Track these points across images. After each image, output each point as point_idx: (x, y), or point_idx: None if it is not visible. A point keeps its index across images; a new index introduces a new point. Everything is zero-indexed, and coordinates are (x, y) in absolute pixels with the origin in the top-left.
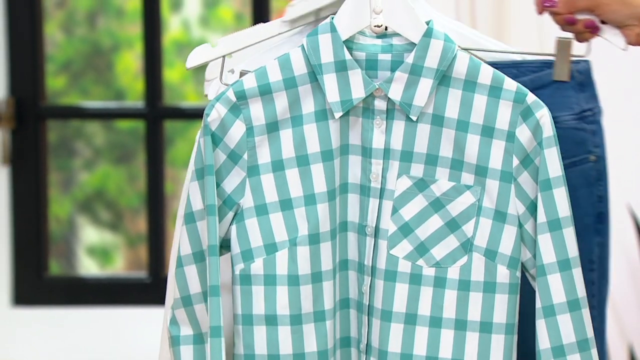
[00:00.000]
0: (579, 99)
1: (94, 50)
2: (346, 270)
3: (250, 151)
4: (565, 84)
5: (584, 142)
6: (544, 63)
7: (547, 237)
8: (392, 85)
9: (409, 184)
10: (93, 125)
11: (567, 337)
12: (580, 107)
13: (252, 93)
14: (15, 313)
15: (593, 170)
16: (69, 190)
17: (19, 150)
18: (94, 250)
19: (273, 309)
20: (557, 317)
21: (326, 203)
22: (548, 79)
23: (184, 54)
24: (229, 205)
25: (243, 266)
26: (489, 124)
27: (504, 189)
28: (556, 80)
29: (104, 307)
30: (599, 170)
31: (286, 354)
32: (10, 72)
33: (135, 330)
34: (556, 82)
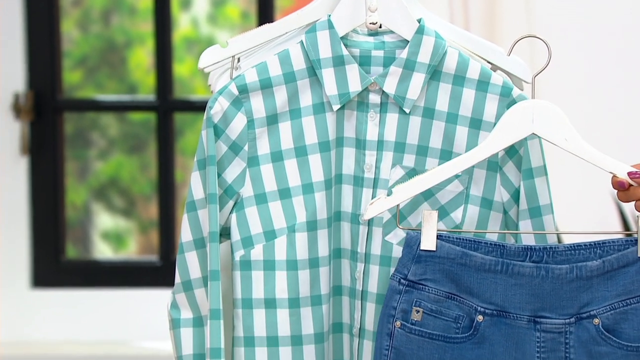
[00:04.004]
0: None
1: (108, 46)
2: (339, 259)
3: (251, 142)
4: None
5: None
6: (628, 241)
7: (527, 223)
8: (387, 79)
9: (402, 174)
10: (107, 117)
11: None
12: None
13: (253, 87)
14: (35, 294)
15: None
16: (84, 179)
17: (38, 141)
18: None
19: (272, 293)
20: None
21: (323, 192)
22: (633, 256)
23: (193, 50)
24: (229, 195)
25: (243, 252)
26: (476, 116)
27: (490, 178)
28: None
29: (117, 289)
30: None
31: (284, 335)
32: (29, 67)
33: (147, 310)
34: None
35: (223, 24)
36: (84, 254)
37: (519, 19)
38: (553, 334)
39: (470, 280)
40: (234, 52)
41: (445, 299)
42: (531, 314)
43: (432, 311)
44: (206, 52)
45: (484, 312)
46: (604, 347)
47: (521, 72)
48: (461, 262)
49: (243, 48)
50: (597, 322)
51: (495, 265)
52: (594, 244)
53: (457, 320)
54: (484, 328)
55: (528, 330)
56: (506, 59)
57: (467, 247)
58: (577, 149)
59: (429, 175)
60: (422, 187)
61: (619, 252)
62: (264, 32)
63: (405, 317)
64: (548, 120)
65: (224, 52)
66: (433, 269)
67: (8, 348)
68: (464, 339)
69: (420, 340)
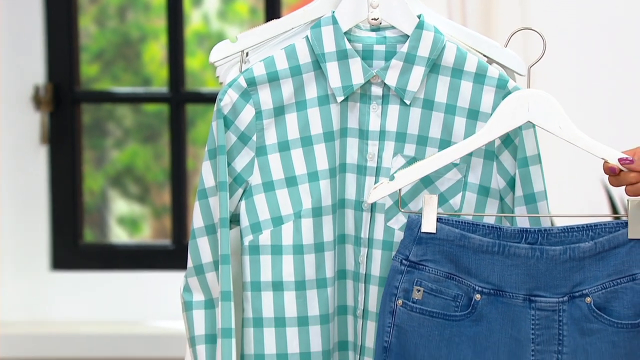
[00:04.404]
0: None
1: (123, 41)
2: (343, 244)
3: (259, 133)
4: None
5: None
6: (618, 223)
7: (523, 209)
8: (389, 72)
9: (403, 162)
10: (123, 108)
11: None
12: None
13: (261, 80)
14: (54, 276)
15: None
16: (101, 167)
17: (57, 131)
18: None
19: (279, 276)
20: None
21: (328, 180)
22: (624, 238)
23: (204, 45)
24: (238, 183)
25: (252, 237)
26: (474, 107)
27: (487, 166)
28: (632, 239)
29: (132, 271)
30: None
31: (291, 317)
32: (48, 61)
33: (161, 291)
34: (632, 240)
35: (232, 20)
36: (101, 238)
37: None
38: (547, 312)
39: (469, 261)
40: (243, 46)
41: (444, 278)
42: (526, 293)
43: (432, 290)
44: (217, 47)
45: (482, 291)
46: (596, 324)
47: (515, 65)
48: (460, 244)
49: (251, 43)
50: (589, 301)
51: (493, 246)
52: (587, 226)
53: (456, 299)
54: (481, 306)
55: (523, 308)
56: (501, 53)
57: (465, 230)
58: (570, 137)
59: (430, 161)
60: (423, 173)
61: (610, 234)
62: (271, 28)
63: (407, 295)
64: (543, 109)
65: (234, 46)
66: (433, 250)
67: (29, 327)
68: (462, 316)
69: (421, 317)
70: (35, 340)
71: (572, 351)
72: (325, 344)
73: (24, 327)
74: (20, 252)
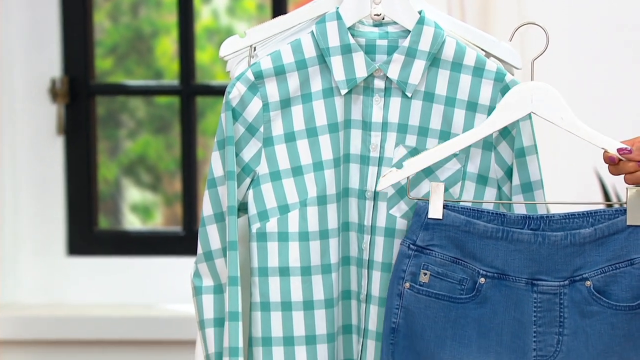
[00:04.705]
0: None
1: (136, 35)
2: (347, 231)
3: (266, 124)
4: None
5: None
6: (617, 210)
7: (520, 197)
8: (391, 65)
9: (405, 152)
10: (135, 100)
11: None
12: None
13: (268, 73)
14: (70, 262)
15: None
16: (115, 156)
17: (72, 123)
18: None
19: (286, 262)
20: None
21: (332, 169)
22: (622, 224)
23: (214, 39)
24: (246, 172)
25: (259, 225)
26: (473, 100)
27: (485, 156)
28: (630, 225)
29: (144, 256)
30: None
31: (297, 301)
32: (64, 55)
33: (171, 276)
34: (630, 226)
35: (241, 16)
36: (115, 224)
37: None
38: (549, 295)
39: (474, 246)
40: (251, 41)
41: (450, 263)
42: (529, 277)
43: (438, 274)
44: (226, 42)
45: (486, 275)
46: (595, 306)
47: (512, 59)
48: (465, 230)
49: (259, 38)
50: (588, 284)
51: (497, 232)
52: (587, 213)
53: (462, 282)
54: (485, 289)
55: (526, 291)
56: (499, 47)
57: (470, 216)
58: (571, 127)
59: (436, 150)
60: (430, 161)
61: (610, 221)
62: (278, 24)
63: (414, 279)
64: (545, 101)
65: (243, 42)
66: (440, 236)
67: (46, 310)
68: (467, 299)
69: (427, 300)
70: (52, 322)
71: (572, 332)
72: (330, 327)
73: (42, 309)
74: (38, 238)
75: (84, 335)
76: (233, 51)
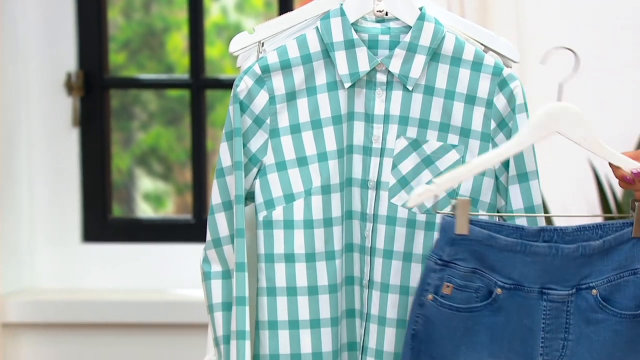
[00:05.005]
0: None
1: (148, 31)
2: (350, 220)
3: (272, 116)
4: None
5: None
6: (624, 223)
7: (516, 187)
8: (392, 60)
9: (405, 144)
10: (148, 93)
11: None
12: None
13: (275, 67)
14: (84, 248)
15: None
16: (128, 147)
17: (87, 115)
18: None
19: (291, 249)
20: None
21: (336, 160)
22: (628, 236)
23: (223, 35)
24: (253, 162)
25: (266, 213)
26: (471, 93)
27: (483, 148)
28: (635, 237)
29: (156, 243)
30: None
31: (302, 286)
32: (80, 50)
33: (182, 262)
34: (635, 237)
35: (249, 12)
36: (128, 212)
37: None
38: (557, 303)
39: (494, 258)
40: (259, 37)
41: (470, 273)
42: (541, 286)
43: (460, 286)
44: (236, 39)
45: (503, 286)
46: (600, 314)
47: (510, 53)
48: (487, 244)
49: (267, 34)
50: (595, 293)
51: (516, 245)
52: (596, 225)
53: (477, 290)
54: (502, 300)
55: (537, 300)
56: (497, 42)
57: (492, 230)
58: (593, 147)
59: (466, 169)
60: (460, 179)
61: (617, 233)
62: (285, 20)
63: (437, 291)
64: (570, 122)
65: (251, 38)
66: (463, 250)
67: (61, 294)
68: (482, 307)
69: (448, 312)
70: (68, 306)
71: (576, 338)
72: (333, 312)
73: (58, 294)
74: (54, 225)
75: (98, 319)
76: (242, 47)
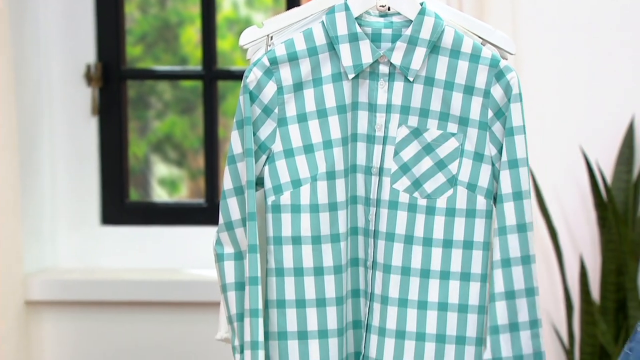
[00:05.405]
0: None
1: (163, 25)
2: (355, 204)
3: (280, 106)
4: None
5: None
6: None
7: (506, 173)
8: (394, 52)
9: (407, 132)
10: (163, 84)
11: (514, 253)
12: None
13: (282, 59)
14: (103, 230)
15: None
16: (144, 135)
17: (106, 104)
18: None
19: (298, 232)
20: (507, 237)
21: (340, 147)
22: None
23: (234, 29)
24: (263, 150)
25: (274, 198)
26: (469, 83)
27: (481, 135)
28: None
29: (171, 226)
30: None
31: (308, 267)
32: (98, 43)
33: (195, 244)
34: None
35: (258, 7)
36: (144, 197)
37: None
38: None
39: None
40: (268, 31)
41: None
42: None
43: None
44: (245, 32)
45: None
46: None
47: (506, 45)
48: None
49: (275, 28)
50: None
51: None
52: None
53: None
54: None
55: None
56: (494, 35)
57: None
58: None
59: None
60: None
61: None
62: (292, 15)
63: None
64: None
65: (260, 31)
66: None
67: (81, 274)
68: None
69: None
70: (88, 285)
71: None
72: (338, 291)
73: (78, 273)
74: (74, 209)
75: (116, 297)
76: (251, 40)
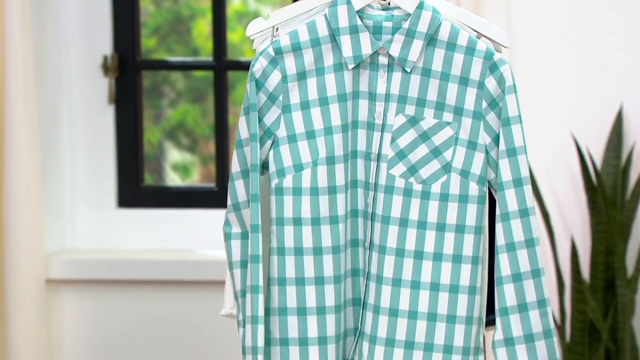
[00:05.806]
0: None
1: (176, 18)
2: (355, 188)
3: (285, 94)
4: None
5: None
6: None
7: (505, 161)
8: (393, 44)
9: (404, 120)
10: (176, 74)
11: (518, 237)
12: None
13: (287, 49)
14: (120, 213)
15: None
16: (158, 123)
17: (122, 93)
18: (177, 166)
19: (299, 213)
20: (511, 222)
21: (340, 134)
22: None
23: (243, 22)
24: (268, 135)
25: (277, 181)
26: (465, 75)
27: (475, 125)
28: None
29: (183, 209)
30: None
31: (308, 247)
32: (115, 35)
33: (206, 226)
34: None
35: (267, 1)
36: (158, 181)
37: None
38: None
39: None
40: (273, 23)
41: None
42: None
43: None
44: (252, 23)
45: None
46: None
47: (501, 39)
48: None
49: (280, 20)
50: None
51: None
52: None
53: None
54: None
55: None
56: (489, 28)
57: None
58: None
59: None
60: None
61: None
62: (297, 7)
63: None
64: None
65: (266, 23)
66: None
67: (99, 254)
68: None
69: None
70: (104, 265)
71: None
72: (336, 270)
73: (96, 253)
74: (92, 193)
75: (131, 276)
76: (258, 31)
